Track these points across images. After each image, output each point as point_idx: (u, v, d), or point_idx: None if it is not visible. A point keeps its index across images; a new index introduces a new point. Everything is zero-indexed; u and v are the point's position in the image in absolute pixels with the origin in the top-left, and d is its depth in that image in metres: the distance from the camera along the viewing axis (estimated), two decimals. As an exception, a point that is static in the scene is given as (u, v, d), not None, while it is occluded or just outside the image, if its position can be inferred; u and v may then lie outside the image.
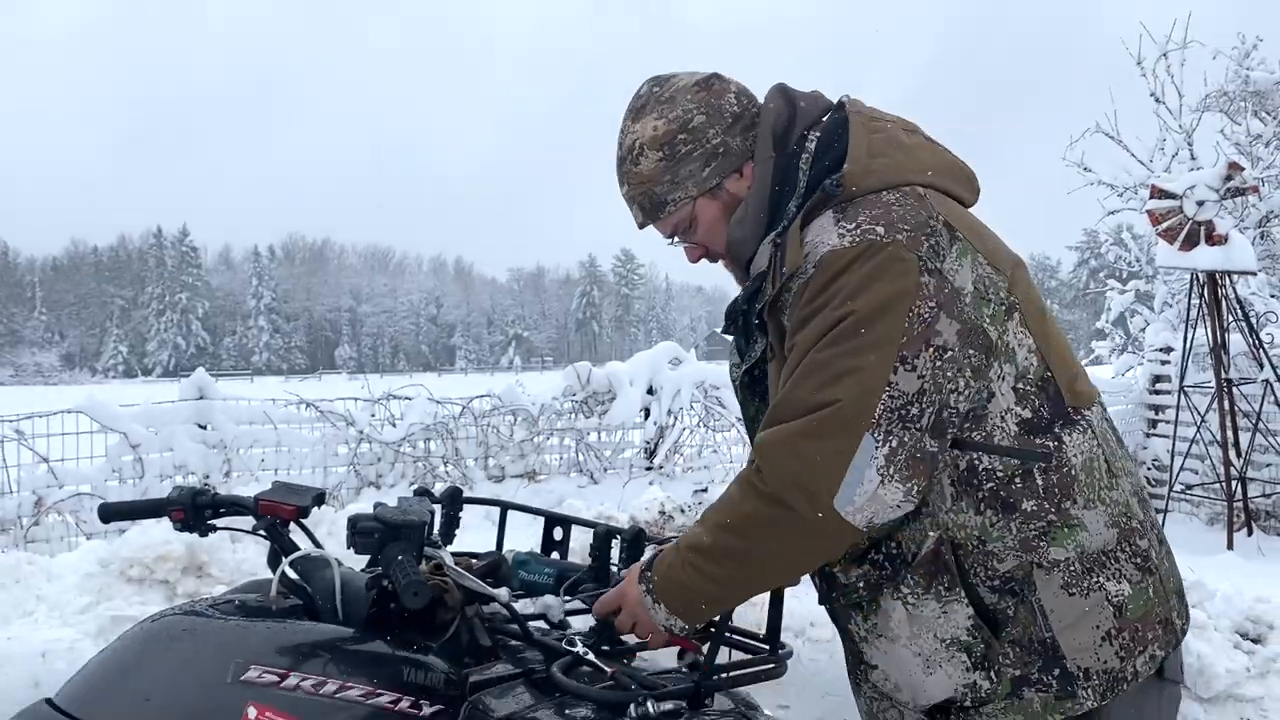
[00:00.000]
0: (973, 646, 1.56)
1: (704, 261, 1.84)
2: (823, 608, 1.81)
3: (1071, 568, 1.55)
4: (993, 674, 1.56)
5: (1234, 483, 7.66)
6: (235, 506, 1.94)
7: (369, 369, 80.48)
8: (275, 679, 1.53)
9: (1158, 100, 10.87)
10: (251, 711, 1.49)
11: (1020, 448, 1.55)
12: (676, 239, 1.77)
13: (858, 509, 1.47)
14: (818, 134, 1.67)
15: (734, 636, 1.99)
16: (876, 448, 1.47)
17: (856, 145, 1.62)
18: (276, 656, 1.56)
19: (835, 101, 1.74)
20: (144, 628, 1.68)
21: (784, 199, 1.66)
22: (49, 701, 1.59)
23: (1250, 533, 7.66)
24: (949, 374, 1.51)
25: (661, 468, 9.25)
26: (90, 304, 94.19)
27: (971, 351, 1.53)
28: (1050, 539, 1.55)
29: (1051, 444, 1.56)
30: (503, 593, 1.82)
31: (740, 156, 1.69)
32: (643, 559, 1.72)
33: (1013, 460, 1.55)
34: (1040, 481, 1.55)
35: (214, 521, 1.97)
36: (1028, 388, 1.57)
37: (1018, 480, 1.55)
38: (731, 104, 1.70)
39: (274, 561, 1.87)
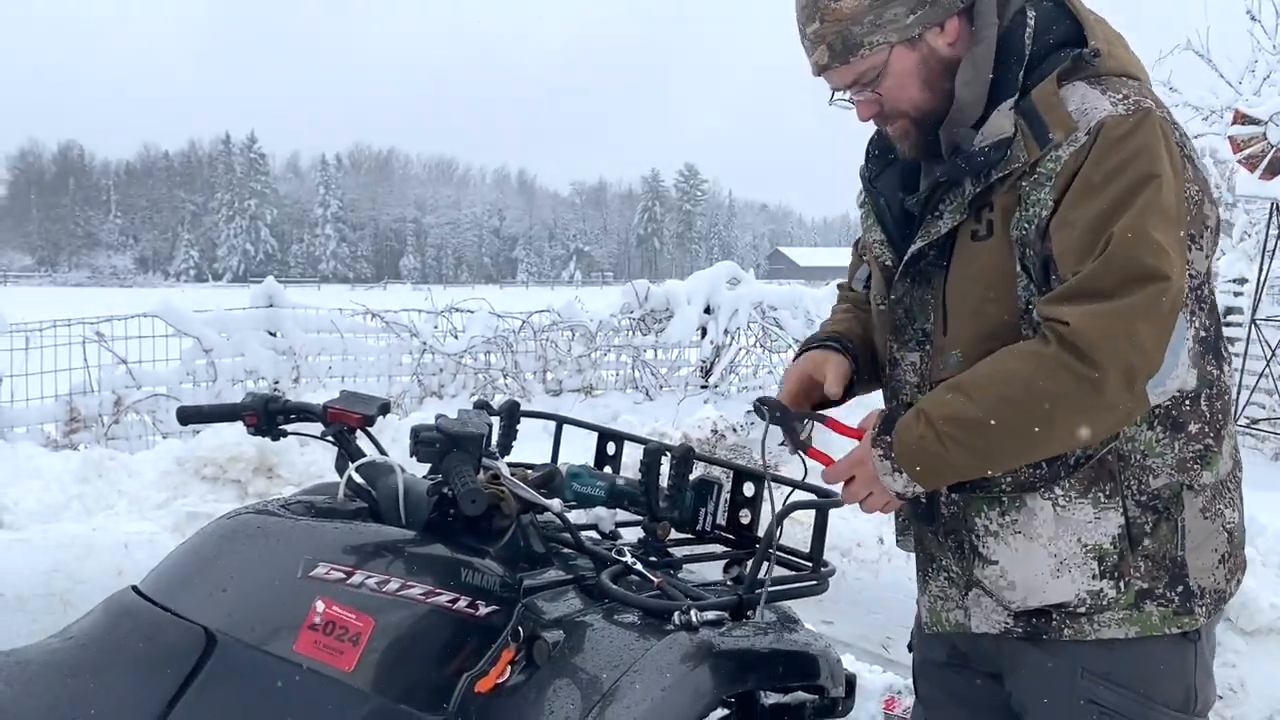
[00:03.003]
0: (1107, 555, 1.56)
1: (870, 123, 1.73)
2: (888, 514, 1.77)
3: (1208, 493, 1.60)
4: (1121, 584, 1.56)
5: (1302, 419, 7.50)
6: (305, 413, 2.01)
7: (432, 280, 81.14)
8: (342, 576, 1.61)
9: (1253, 18, 10.33)
10: (320, 605, 1.58)
11: (1195, 368, 1.55)
12: (851, 92, 1.64)
13: (1164, 391, 1.48)
14: (1033, 12, 1.60)
15: (779, 553, 2.05)
16: (1187, 329, 1.47)
17: (1093, 30, 1.58)
18: (343, 555, 1.64)
19: None
20: (221, 524, 1.78)
21: (1010, 66, 1.57)
22: (135, 589, 1.71)
23: (1317, 469, 7.52)
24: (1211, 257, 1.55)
25: (717, 386, 9.30)
26: (162, 208, 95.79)
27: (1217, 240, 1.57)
28: (1204, 463, 1.58)
29: (1214, 370, 1.59)
30: (555, 503, 1.88)
31: (946, 10, 1.58)
32: (873, 425, 1.63)
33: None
34: (1205, 406, 1.58)
35: (285, 427, 2.04)
36: (1201, 304, 1.57)
37: (1188, 402, 1.56)
38: None
39: (341, 466, 1.93)
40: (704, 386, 9.35)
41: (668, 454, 2.05)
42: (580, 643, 1.68)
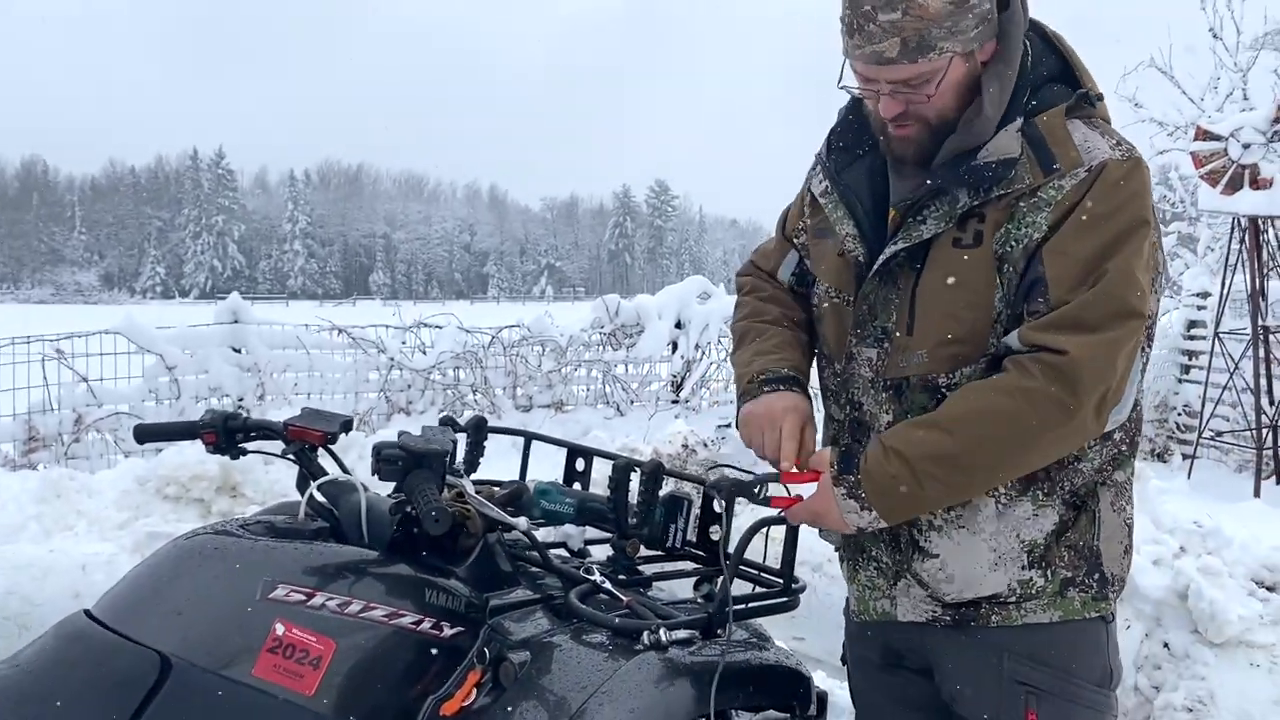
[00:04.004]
0: (1036, 547, 1.65)
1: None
2: None
3: (1115, 489, 1.71)
4: (1049, 573, 1.66)
5: (1265, 431, 7.59)
6: (265, 431, 1.97)
7: (402, 296, 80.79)
8: (302, 598, 1.58)
9: (1215, 36, 10.48)
10: (279, 628, 1.54)
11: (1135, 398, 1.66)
12: (892, 87, 1.63)
13: (1118, 421, 1.61)
14: (1027, 42, 1.68)
15: (750, 569, 2.03)
16: (1139, 364, 1.60)
17: (1083, 70, 1.70)
18: (304, 576, 1.60)
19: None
20: (177, 545, 1.73)
21: (1018, 92, 1.65)
22: (87, 613, 1.66)
23: (1279, 481, 7.61)
24: None
25: (688, 401, 9.29)
26: (128, 224, 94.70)
27: None
28: (1117, 464, 1.69)
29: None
30: (521, 521, 1.86)
31: (993, 31, 1.63)
32: (827, 461, 1.67)
33: None
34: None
35: (245, 445, 2.00)
36: (1150, 341, 1.66)
37: None
38: None
39: (302, 485, 1.90)
40: (675, 401, 9.33)
41: (637, 470, 2.03)
42: (548, 664, 1.66)
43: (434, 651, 1.64)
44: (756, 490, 1.76)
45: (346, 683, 1.55)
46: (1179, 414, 9.13)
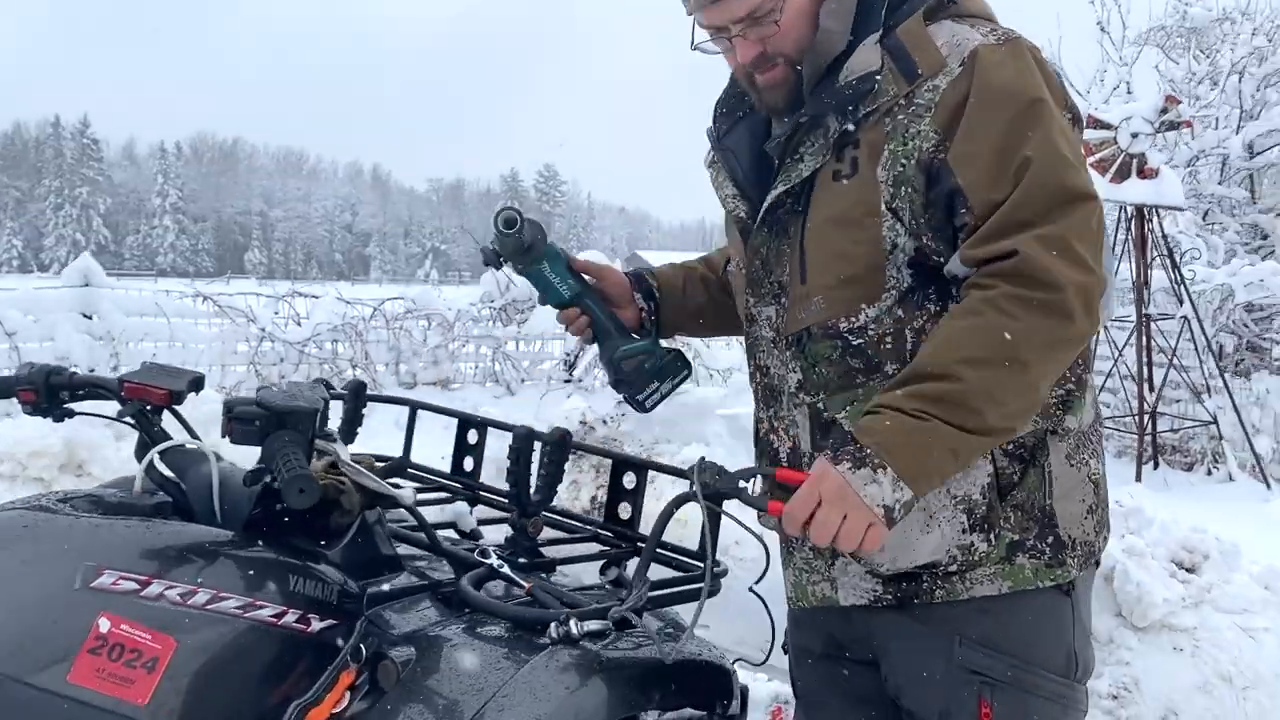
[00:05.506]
0: (976, 508, 1.51)
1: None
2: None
3: (1073, 439, 1.56)
4: (991, 536, 1.52)
5: (1146, 417, 7.80)
6: (97, 388, 1.74)
7: (280, 275, 78.87)
8: (134, 586, 1.34)
9: (1103, 29, 10.78)
10: (104, 623, 1.30)
11: None
12: (739, 27, 1.57)
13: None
14: None
15: (664, 552, 1.87)
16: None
17: None
18: (137, 561, 1.37)
19: None
20: (-21, 524, 1.46)
21: (874, 5, 1.56)
22: None
23: (1156, 466, 7.85)
24: None
25: (581, 381, 9.11)
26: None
27: None
28: (1066, 407, 1.55)
29: None
30: (406, 494, 1.64)
31: None
32: (824, 454, 1.44)
33: None
34: None
35: (72, 405, 1.77)
36: None
37: None
38: None
39: (141, 453, 1.66)
40: (568, 380, 9.14)
41: (540, 440, 1.83)
42: (436, 662, 1.46)
43: (300, 649, 1.42)
44: (747, 484, 1.48)
45: (189, 688, 1.32)
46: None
